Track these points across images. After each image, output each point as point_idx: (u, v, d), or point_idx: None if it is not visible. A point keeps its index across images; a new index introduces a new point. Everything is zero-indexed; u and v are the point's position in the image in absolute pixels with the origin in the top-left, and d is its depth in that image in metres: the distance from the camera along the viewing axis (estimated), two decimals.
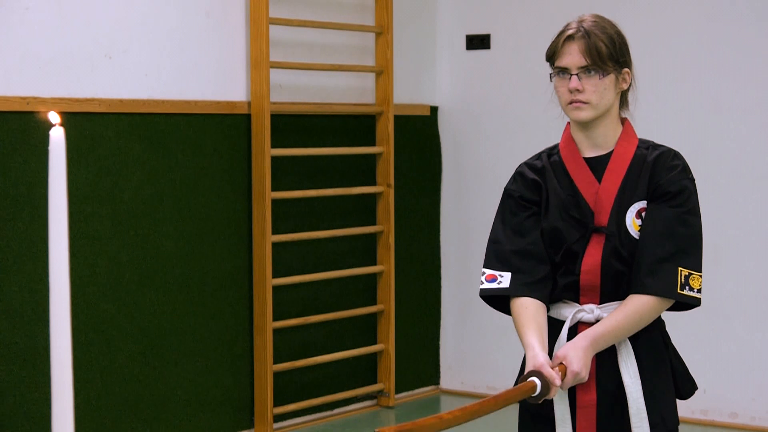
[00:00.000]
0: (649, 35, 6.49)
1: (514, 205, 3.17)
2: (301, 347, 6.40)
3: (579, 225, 3.10)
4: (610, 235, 3.07)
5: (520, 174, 3.20)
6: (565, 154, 3.17)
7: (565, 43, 3.13)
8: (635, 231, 3.08)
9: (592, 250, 3.08)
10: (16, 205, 5.18)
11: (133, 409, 5.62)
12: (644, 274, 3.03)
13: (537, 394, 2.90)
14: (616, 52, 3.17)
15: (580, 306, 3.10)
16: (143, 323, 5.65)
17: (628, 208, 3.08)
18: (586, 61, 3.10)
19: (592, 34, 3.12)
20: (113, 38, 5.55)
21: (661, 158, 3.16)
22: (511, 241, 3.14)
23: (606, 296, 3.09)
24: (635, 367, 3.09)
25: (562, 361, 2.96)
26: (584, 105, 3.10)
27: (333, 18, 6.54)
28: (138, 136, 5.64)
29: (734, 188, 6.26)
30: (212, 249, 5.95)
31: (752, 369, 6.22)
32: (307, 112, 6.41)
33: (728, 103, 6.27)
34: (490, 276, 3.15)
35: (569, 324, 3.08)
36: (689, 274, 3.10)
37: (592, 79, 3.10)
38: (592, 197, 3.10)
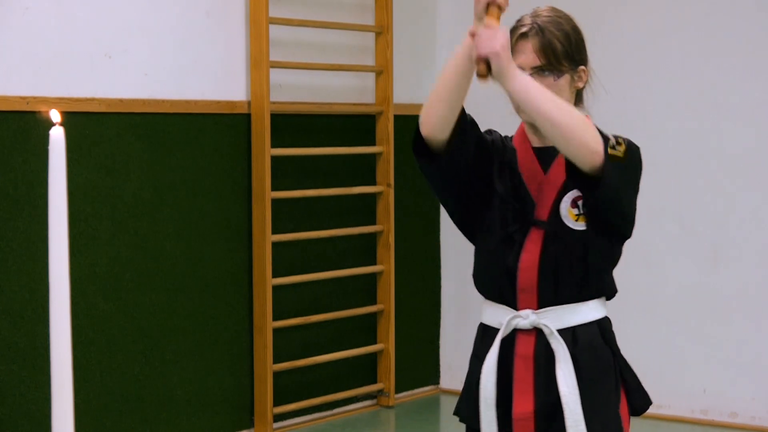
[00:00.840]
0: (648, 33, 6.48)
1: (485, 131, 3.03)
2: (301, 347, 6.40)
3: (518, 215, 2.92)
4: (549, 230, 2.88)
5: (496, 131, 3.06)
6: (518, 144, 3.00)
7: (519, 41, 2.91)
8: (572, 220, 2.88)
9: (530, 246, 2.89)
10: (16, 205, 5.18)
11: (133, 409, 5.62)
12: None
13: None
14: (572, 50, 2.92)
15: (516, 312, 2.89)
16: (143, 323, 5.65)
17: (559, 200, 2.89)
18: (540, 61, 2.89)
19: (547, 31, 2.89)
20: (113, 38, 5.55)
21: None
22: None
23: (544, 300, 2.89)
24: (573, 375, 2.86)
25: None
26: None
27: (333, 18, 6.54)
28: (138, 136, 5.64)
29: (734, 188, 6.26)
30: (212, 249, 5.95)
31: (752, 369, 6.22)
32: (307, 112, 6.41)
33: (728, 102, 6.27)
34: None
35: (504, 332, 2.89)
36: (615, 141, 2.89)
37: (546, 81, 2.87)
38: (536, 188, 2.92)
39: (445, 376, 7.25)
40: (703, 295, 6.31)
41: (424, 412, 6.80)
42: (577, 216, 2.88)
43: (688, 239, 6.35)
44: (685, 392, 6.34)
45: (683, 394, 6.35)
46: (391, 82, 6.73)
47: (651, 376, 6.35)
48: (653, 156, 6.48)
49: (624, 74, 6.48)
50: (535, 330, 2.89)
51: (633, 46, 6.51)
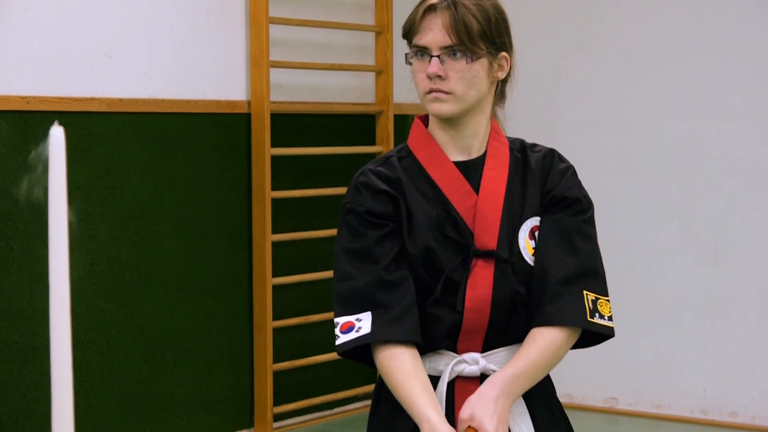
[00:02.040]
0: (648, 33, 6.48)
1: (358, 224, 2.47)
2: (301, 347, 6.39)
3: (457, 248, 2.43)
4: (502, 261, 2.42)
5: (364, 185, 2.52)
6: (425, 158, 2.49)
7: (426, 16, 2.47)
8: (529, 255, 2.44)
9: (478, 281, 2.41)
10: (16, 205, 5.18)
11: (133, 409, 5.62)
12: (549, 301, 2.40)
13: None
14: (492, 31, 2.47)
15: (458, 356, 2.43)
16: (143, 323, 5.65)
17: (519, 226, 2.46)
18: (451, 39, 2.43)
19: (461, 5, 2.42)
20: (113, 38, 5.55)
21: (546, 161, 2.52)
22: (362, 272, 2.42)
23: (490, 342, 2.43)
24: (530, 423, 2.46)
25: (470, 423, 2.32)
26: (447, 96, 2.44)
27: (333, 17, 6.54)
28: (138, 136, 5.64)
29: (734, 188, 6.26)
30: (212, 248, 5.95)
31: (752, 369, 6.22)
32: (307, 112, 6.41)
33: (729, 102, 6.27)
34: (345, 326, 2.42)
35: (447, 378, 2.41)
36: (596, 298, 2.43)
37: (457, 64, 2.43)
38: (469, 212, 2.44)
39: None
40: (703, 295, 6.31)
41: None
42: (534, 249, 2.46)
43: (688, 239, 6.34)
44: (685, 392, 6.34)
45: (683, 394, 6.35)
46: (391, 82, 6.73)
47: (651, 376, 6.36)
48: (654, 156, 6.49)
49: (624, 74, 6.48)
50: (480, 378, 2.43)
51: (632, 45, 6.51)
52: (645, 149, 6.37)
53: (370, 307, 2.40)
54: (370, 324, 2.38)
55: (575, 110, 6.53)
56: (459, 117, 2.48)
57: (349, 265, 2.44)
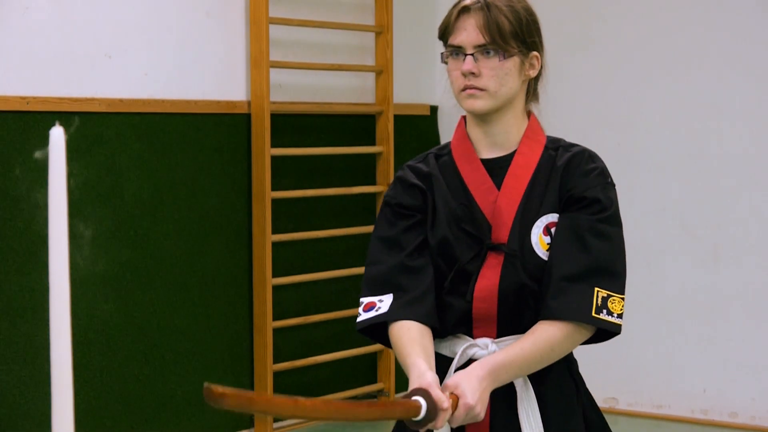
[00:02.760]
0: (648, 33, 6.48)
1: (390, 215, 2.66)
2: (301, 347, 6.39)
3: (472, 240, 2.57)
4: (510, 254, 2.54)
5: (399, 179, 2.68)
6: (458, 154, 2.66)
7: (461, 17, 2.59)
8: (543, 250, 2.54)
9: (487, 272, 2.54)
10: (16, 205, 5.18)
11: (133, 409, 5.62)
12: (551, 295, 2.50)
13: (421, 419, 2.36)
14: (523, 31, 2.57)
15: (472, 340, 2.56)
16: (143, 323, 5.65)
17: (533, 222, 2.56)
18: (484, 38, 2.55)
19: (493, 6, 2.55)
20: (113, 38, 5.55)
21: (574, 161, 2.60)
22: (387, 258, 2.63)
23: (504, 329, 2.55)
24: (538, 416, 2.54)
25: (453, 391, 2.41)
26: (480, 92, 2.57)
27: (333, 17, 6.54)
28: (138, 136, 5.64)
29: (735, 188, 6.26)
30: (212, 249, 5.95)
31: (752, 369, 6.22)
32: (307, 112, 6.41)
33: (729, 101, 6.27)
34: (367, 305, 2.62)
35: (458, 362, 2.55)
36: (608, 295, 2.51)
37: (490, 61, 2.55)
38: (489, 207, 2.58)
39: None
40: (703, 295, 6.31)
41: None
42: (549, 245, 2.55)
43: (688, 239, 6.34)
44: (685, 392, 6.34)
45: (683, 394, 6.35)
46: (391, 82, 6.73)
47: (651, 376, 6.36)
48: (654, 156, 6.49)
49: (624, 74, 6.48)
50: None
51: (632, 45, 6.51)
52: (645, 149, 6.37)
53: (391, 289, 2.59)
54: (389, 304, 2.57)
55: (575, 110, 6.53)
56: (491, 113, 2.61)
57: (378, 251, 2.66)
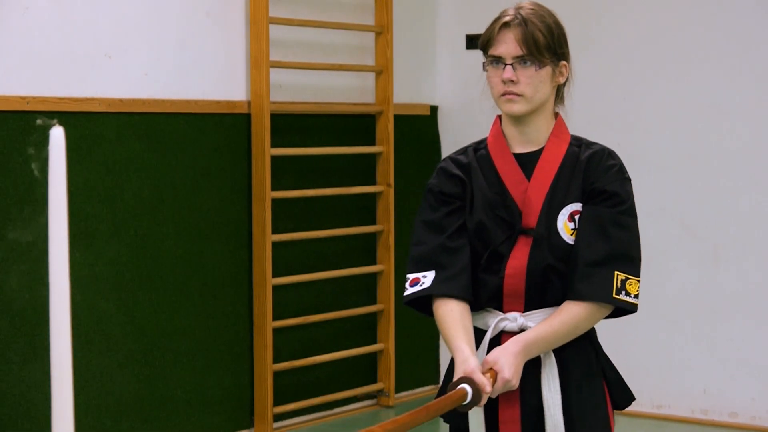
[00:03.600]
0: (648, 33, 6.48)
1: (433, 201, 3.03)
2: (301, 347, 6.40)
3: (505, 225, 2.93)
4: (537, 237, 2.90)
5: (442, 169, 3.07)
6: (493, 149, 3.04)
7: (501, 31, 2.98)
8: (567, 235, 2.91)
9: (517, 253, 2.91)
10: (16, 205, 5.18)
11: (133, 409, 5.62)
12: (578, 279, 2.87)
13: (467, 403, 2.73)
14: (554, 43, 2.95)
15: (503, 314, 2.92)
16: (143, 323, 5.65)
17: (559, 209, 2.92)
18: (522, 50, 2.92)
19: (530, 22, 2.94)
20: (113, 38, 5.55)
21: (594, 157, 2.97)
22: (431, 239, 2.98)
23: (531, 304, 2.92)
24: (557, 380, 2.90)
25: (493, 366, 2.79)
26: (518, 97, 2.94)
27: (333, 17, 6.54)
28: (138, 136, 5.64)
29: (735, 188, 6.26)
30: (212, 249, 5.95)
31: (752, 369, 6.22)
32: (307, 112, 6.41)
33: (728, 101, 6.27)
34: (413, 281, 3.02)
35: (491, 333, 2.91)
36: (626, 278, 2.91)
37: (527, 70, 2.92)
38: (521, 196, 2.94)
39: None
40: (703, 295, 6.31)
41: None
42: (572, 231, 2.92)
43: (688, 239, 6.35)
44: (685, 392, 6.34)
45: (683, 394, 6.35)
46: (391, 82, 6.73)
47: (651, 376, 6.36)
48: (654, 156, 6.49)
49: (624, 74, 6.48)
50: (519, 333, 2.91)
51: (632, 45, 6.51)
52: (645, 149, 6.37)
53: (433, 267, 2.96)
54: (431, 280, 2.95)
55: (575, 110, 6.52)
56: (526, 115, 2.97)
57: (422, 233, 3.01)
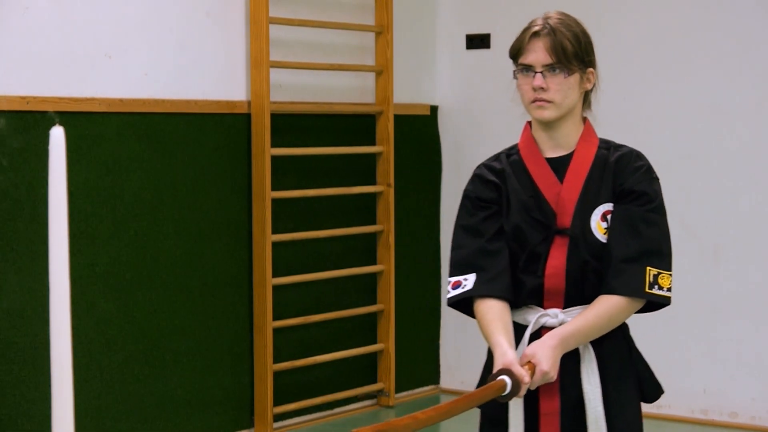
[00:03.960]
0: (648, 33, 6.48)
1: (471, 207, 3.14)
2: (301, 347, 6.40)
3: (541, 226, 3.05)
4: (573, 237, 3.03)
5: (477, 176, 3.18)
6: (526, 154, 3.15)
7: (531, 40, 3.09)
8: (600, 234, 3.04)
9: (555, 253, 3.04)
10: (16, 205, 5.18)
11: (133, 409, 5.62)
12: (611, 275, 3.00)
13: (507, 393, 2.86)
14: (582, 51, 3.09)
15: (543, 310, 3.04)
16: (143, 323, 5.65)
17: (592, 210, 3.05)
18: (551, 58, 3.04)
19: (558, 31, 3.07)
20: (113, 38, 5.55)
21: (623, 159, 3.11)
22: (470, 243, 3.10)
23: (570, 300, 3.04)
24: (597, 374, 3.03)
25: (531, 359, 2.91)
26: (548, 104, 3.07)
27: (333, 17, 6.54)
28: (138, 136, 5.64)
29: (735, 188, 6.26)
30: (212, 249, 5.95)
31: (752, 369, 6.22)
32: (307, 112, 6.41)
33: (728, 101, 6.27)
34: (454, 283, 3.12)
35: (532, 329, 3.03)
36: (658, 273, 3.07)
37: (556, 78, 3.05)
38: (554, 198, 3.06)
39: (445, 376, 7.25)
40: (703, 295, 6.31)
41: None
42: (605, 230, 3.05)
43: (688, 239, 6.35)
44: (685, 392, 6.34)
45: (683, 394, 6.35)
46: (391, 82, 6.73)
47: None
48: (654, 156, 6.48)
49: (624, 74, 6.48)
50: None
51: (633, 45, 6.51)
52: (645, 149, 6.34)
53: (474, 269, 3.07)
54: (473, 282, 3.06)
55: None
56: (556, 121, 3.09)
57: (461, 237, 3.12)
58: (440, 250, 7.23)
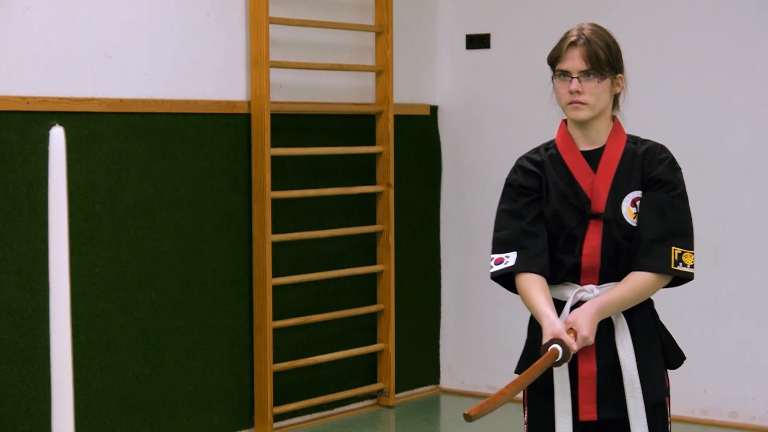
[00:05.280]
0: (648, 33, 6.48)
1: (513, 193, 3.50)
2: (301, 347, 6.40)
3: (577, 211, 3.43)
4: (607, 220, 3.41)
5: (519, 166, 3.53)
6: (563, 148, 3.50)
7: (568, 49, 3.44)
8: (630, 218, 3.42)
9: (591, 235, 3.42)
10: (16, 205, 5.18)
11: (133, 409, 5.62)
12: (641, 254, 3.38)
13: (559, 360, 3.24)
14: (613, 59, 3.46)
15: (580, 286, 3.42)
16: (143, 323, 5.65)
17: (623, 197, 3.43)
18: (586, 65, 3.41)
19: (593, 41, 3.43)
20: (113, 38, 5.55)
21: (650, 151, 3.49)
22: (512, 225, 3.47)
23: (604, 277, 3.42)
24: (630, 342, 3.41)
25: (572, 326, 3.30)
26: (583, 106, 3.42)
27: (333, 17, 6.54)
28: (138, 136, 5.64)
29: (734, 188, 6.26)
30: (212, 249, 5.95)
31: (752, 369, 6.22)
32: (307, 112, 6.41)
33: (729, 101, 6.27)
34: (497, 260, 3.49)
35: (571, 303, 3.41)
36: (682, 251, 3.40)
37: (591, 83, 3.41)
38: (589, 186, 3.44)
39: (445, 376, 7.25)
40: (703, 295, 6.31)
41: (424, 412, 6.80)
42: (634, 214, 3.42)
43: None
44: (685, 392, 6.34)
45: (683, 394, 6.35)
46: (391, 82, 6.73)
47: None
48: None
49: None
50: None
51: (633, 45, 6.50)
52: None
53: (516, 248, 3.45)
54: (515, 259, 3.44)
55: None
56: (589, 120, 3.45)
57: (504, 220, 3.49)
58: (440, 250, 7.24)
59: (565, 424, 3.40)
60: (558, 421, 3.40)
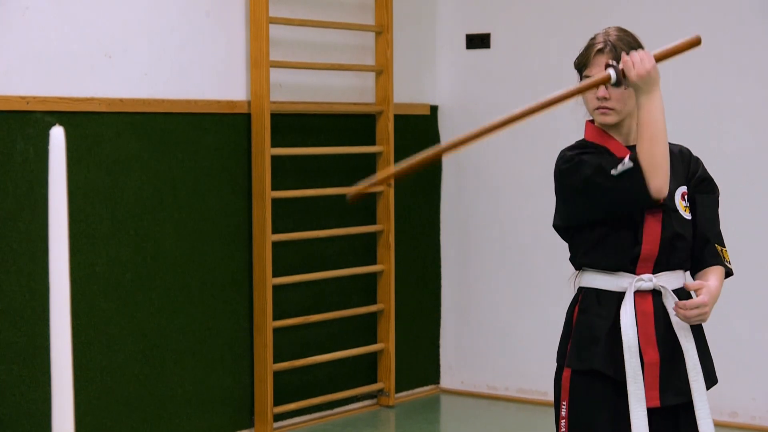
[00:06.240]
0: (648, 33, 6.47)
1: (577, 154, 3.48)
2: (301, 347, 6.40)
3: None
4: (666, 211, 3.47)
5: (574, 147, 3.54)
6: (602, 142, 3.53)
7: (596, 56, 3.50)
8: (682, 210, 3.52)
9: (651, 223, 3.47)
10: (16, 205, 5.18)
11: (133, 409, 5.62)
12: (708, 254, 3.55)
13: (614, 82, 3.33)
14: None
15: (637, 276, 3.47)
16: (143, 323, 5.65)
17: (674, 190, 3.49)
18: None
19: (618, 48, 3.48)
20: (113, 38, 5.55)
21: (684, 151, 3.63)
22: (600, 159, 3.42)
23: (659, 266, 3.48)
24: (689, 331, 3.58)
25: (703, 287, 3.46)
26: (610, 111, 3.49)
27: (333, 17, 6.54)
28: (138, 136, 5.64)
29: (734, 188, 6.26)
30: (212, 249, 5.95)
31: (752, 369, 6.22)
32: (307, 112, 6.41)
33: (729, 101, 6.27)
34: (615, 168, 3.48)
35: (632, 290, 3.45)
36: (721, 249, 3.59)
37: (617, 89, 3.45)
38: None
39: (445, 376, 7.25)
40: None
41: (424, 412, 6.80)
42: (686, 207, 3.52)
43: None
44: None
45: None
46: (391, 81, 6.73)
47: None
48: None
49: None
50: (651, 291, 3.48)
51: None
52: None
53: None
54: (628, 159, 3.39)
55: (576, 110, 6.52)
56: (616, 124, 3.51)
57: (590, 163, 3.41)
58: (440, 250, 7.24)
59: (640, 411, 3.45)
60: (632, 407, 3.44)
